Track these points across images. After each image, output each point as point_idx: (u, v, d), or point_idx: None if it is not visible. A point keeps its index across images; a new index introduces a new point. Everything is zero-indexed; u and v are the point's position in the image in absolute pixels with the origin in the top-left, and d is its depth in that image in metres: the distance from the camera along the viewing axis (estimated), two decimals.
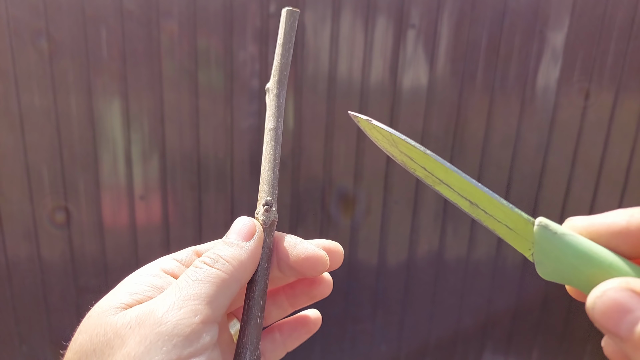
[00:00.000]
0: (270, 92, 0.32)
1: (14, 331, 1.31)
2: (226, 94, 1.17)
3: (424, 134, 1.23)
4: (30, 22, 1.09)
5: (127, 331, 0.23)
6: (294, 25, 0.33)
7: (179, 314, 0.24)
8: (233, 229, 0.29)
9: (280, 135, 0.31)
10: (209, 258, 0.27)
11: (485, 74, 1.20)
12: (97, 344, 0.24)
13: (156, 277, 0.27)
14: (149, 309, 0.24)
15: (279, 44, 0.33)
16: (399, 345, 1.42)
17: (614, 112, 1.22)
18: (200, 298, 0.25)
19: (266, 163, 0.31)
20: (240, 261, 0.27)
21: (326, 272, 0.31)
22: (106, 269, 1.27)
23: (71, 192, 1.21)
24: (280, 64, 0.33)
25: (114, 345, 0.23)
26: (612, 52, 1.18)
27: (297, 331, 0.34)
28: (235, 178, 1.23)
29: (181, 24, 1.12)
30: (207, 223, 1.26)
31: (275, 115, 0.31)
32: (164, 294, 0.25)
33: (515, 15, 1.16)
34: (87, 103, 1.15)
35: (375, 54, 1.17)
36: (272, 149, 0.31)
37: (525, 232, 0.24)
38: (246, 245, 0.28)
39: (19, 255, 1.24)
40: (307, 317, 0.35)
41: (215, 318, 0.25)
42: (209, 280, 0.25)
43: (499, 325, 1.40)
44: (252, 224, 0.29)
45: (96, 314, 0.25)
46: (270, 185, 0.30)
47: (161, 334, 0.23)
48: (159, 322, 0.23)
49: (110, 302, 0.26)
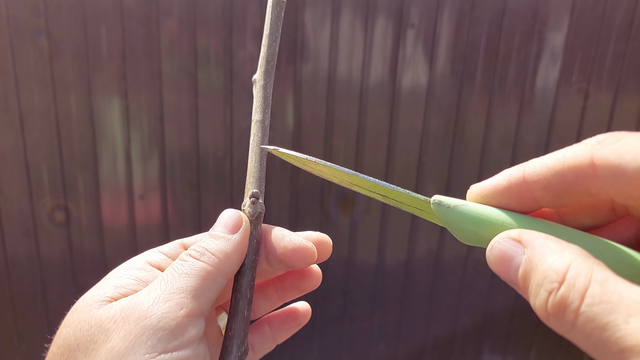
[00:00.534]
0: (257, 84, 0.32)
1: (13, 329, 1.31)
2: (226, 93, 1.17)
3: (423, 134, 1.23)
4: (30, 21, 1.09)
5: (111, 325, 0.23)
6: (281, 15, 0.32)
7: (164, 307, 0.23)
8: (219, 222, 0.28)
9: (268, 126, 0.31)
10: (195, 251, 0.26)
11: (484, 74, 1.20)
12: (81, 338, 0.24)
13: (142, 270, 0.27)
14: (134, 303, 0.24)
15: (265, 35, 0.32)
16: (397, 344, 1.42)
17: (612, 112, 1.23)
18: (186, 291, 0.24)
19: (253, 155, 0.30)
20: (227, 254, 0.27)
21: (314, 264, 0.31)
22: (105, 268, 1.27)
23: (71, 191, 1.21)
24: (266, 54, 0.32)
25: (97, 340, 0.23)
26: (611, 53, 1.18)
27: (286, 324, 0.34)
28: (235, 177, 1.23)
29: (181, 23, 1.12)
30: (206, 222, 1.26)
31: (262, 106, 0.31)
32: (149, 287, 0.25)
33: (515, 15, 1.16)
34: (86, 102, 1.15)
35: (374, 54, 1.17)
36: (259, 140, 0.30)
37: (431, 212, 0.26)
38: (232, 237, 0.27)
39: (18, 254, 1.24)
40: (297, 309, 0.34)
41: (201, 311, 0.25)
42: (195, 274, 0.25)
43: (497, 325, 1.41)
44: (238, 217, 0.28)
45: (81, 307, 0.25)
46: (257, 178, 0.30)
47: (146, 328, 0.23)
48: (144, 316, 0.23)
49: (95, 295, 0.25)
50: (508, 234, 0.22)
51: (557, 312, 0.18)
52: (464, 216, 0.24)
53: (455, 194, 1.18)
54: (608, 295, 0.17)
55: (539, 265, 0.19)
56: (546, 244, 0.20)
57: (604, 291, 0.17)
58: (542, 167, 0.22)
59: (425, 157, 1.25)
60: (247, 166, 0.30)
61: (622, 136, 0.20)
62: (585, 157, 0.20)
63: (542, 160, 0.22)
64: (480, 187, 0.24)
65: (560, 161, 0.21)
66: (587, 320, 0.17)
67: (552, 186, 0.22)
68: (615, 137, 0.20)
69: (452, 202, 0.25)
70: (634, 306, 0.16)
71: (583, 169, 0.20)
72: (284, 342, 0.35)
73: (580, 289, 0.18)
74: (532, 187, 0.22)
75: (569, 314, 0.18)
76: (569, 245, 0.20)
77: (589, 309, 0.17)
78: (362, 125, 1.22)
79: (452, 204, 0.25)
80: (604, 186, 0.20)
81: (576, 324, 0.17)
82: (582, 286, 0.18)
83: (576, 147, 0.21)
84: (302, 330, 0.36)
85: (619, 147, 0.19)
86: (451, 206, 0.25)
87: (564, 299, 0.18)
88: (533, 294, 0.19)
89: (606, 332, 0.16)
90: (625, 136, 0.20)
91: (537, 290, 0.19)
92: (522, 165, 0.23)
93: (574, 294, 0.18)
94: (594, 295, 0.17)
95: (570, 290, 0.18)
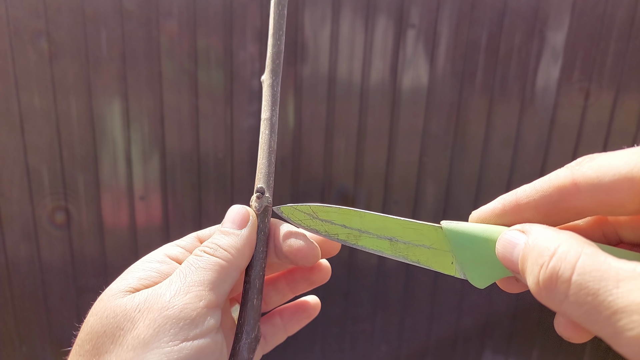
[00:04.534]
0: (265, 83, 0.33)
1: (14, 332, 1.31)
2: (226, 94, 1.17)
3: (424, 134, 1.23)
4: (30, 23, 1.09)
5: (136, 314, 0.25)
6: (283, 13, 0.33)
7: (184, 299, 0.25)
8: (228, 217, 0.30)
9: (276, 123, 0.32)
10: (209, 247, 0.28)
11: (485, 73, 1.20)
12: (108, 325, 0.25)
13: (162, 263, 0.29)
14: (157, 294, 0.26)
15: (270, 34, 0.33)
16: (399, 345, 1.42)
17: (613, 112, 1.22)
18: (203, 284, 0.26)
19: (261, 152, 0.31)
20: (237, 249, 0.28)
21: (323, 259, 0.33)
22: (106, 270, 1.27)
23: (71, 193, 1.21)
24: (272, 53, 0.33)
25: (124, 327, 0.25)
26: (611, 52, 1.18)
27: (297, 316, 0.36)
28: (235, 178, 1.23)
29: (181, 24, 1.12)
30: (207, 223, 1.26)
31: (270, 104, 0.32)
32: (169, 280, 0.27)
33: (515, 15, 1.16)
34: (87, 103, 1.15)
35: (375, 54, 1.17)
36: (267, 137, 0.31)
37: (441, 242, 0.27)
38: (241, 233, 0.29)
39: (19, 256, 1.24)
40: (307, 302, 0.36)
41: (218, 303, 0.27)
42: (211, 268, 0.27)
43: (499, 326, 1.40)
44: (245, 212, 0.30)
45: (106, 297, 0.27)
46: (265, 173, 0.31)
47: (169, 317, 0.24)
48: (167, 306, 0.25)
49: (120, 286, 0.27)
50: (515, 227, 0.24)
51: (549, 284, 0.19)
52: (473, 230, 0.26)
53: (455, 194, 1.18)
54: (598, 265, 0.18)
55: (534, 247, 0.21)
56: (544, 230, 0.22)
57: (593, 262, 0.18)
58: (532, 190, 0.24)
59: (425, 157, 1.25)
60: (257, 162, 0.32)
61: (597, 156, 0.23)
62: (567, 177, 0.23)
63: (532, 184, 0.24)
64: (479, 213, 0.27)
65: (546, 183, 0.24)
66: (579, 288, 0.18)
67: (540, 206, 0.24)
68: (591, 157, 0.23)
69: (460, 223, 0.26)
70: (623, 273, 0.18)
71: (566, 187, 0.23)
72: (287, 343, 0.36)
73: (572, 260, 0.19)
74: (523, 209, 0.25)
75: (561, 285, 0.19)
76: (566, 231, 0.21)
77: (580, 277, 0.18)
78: (362, 125, 1.22)
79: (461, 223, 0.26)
80: (586, 201, 0.22)
81: (569, 294, 0.19)
82: (573, 258, 0.19)
83: (559, 170, 0.24)
84: (304, 331, 0.37)
85: (594, 165, 0.22)
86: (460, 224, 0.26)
87: (555, 270, 0.19)
88: (528, 272, 0.21)
89: (598, 298, 0.18)
90: (599, 155, 0.22)
91: (531, 267, 0.21)
92: (515, 190, 0.25)
93: (565, 264, 0.19)
94: (585, 265, 0.19)
95: (562, 262, 0.19)
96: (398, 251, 0.27)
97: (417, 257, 0.27)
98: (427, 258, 0.27)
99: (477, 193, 1.27)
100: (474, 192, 1.27)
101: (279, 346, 0.36)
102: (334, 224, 0.29)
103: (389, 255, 0.28)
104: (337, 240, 0.29)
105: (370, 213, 0.28)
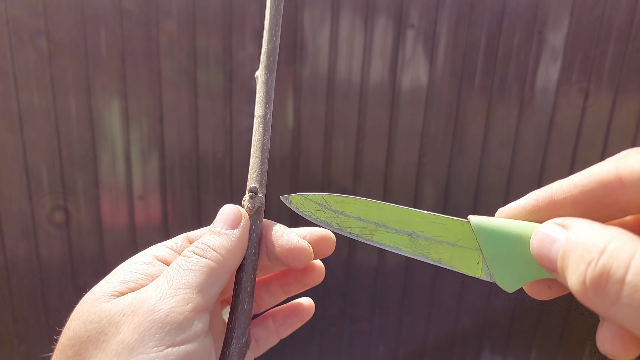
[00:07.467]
0: (259, 79, 0.32)
1: (13, 331, 1.31)
2: (225, 94, 1.17)
3: (423, 135, 1.23)
4: (29, 22, 1.09)
5: (121, 318, 0.24)
6: (280, 9, 0.32)
7: (171, 302, 0.24)
8: (219, 217, 0.29)
9: (269, 121, 0.31)
10: (198, 248, 0.27)
11: (484, 74, 1.20)
12: (91, 330, 0.24)
13: (149, 264, 0.28)
14: (142, 297, 0.24)
15: (265, 30, 0.32)
16: (397, 345, 1.42)
17: (612, 113, 1.22)
18: (191, 287, 0.25)
19: (254, 150, 0.30)
20: (228, 250, 0.27)
21: (318, 259, 0.31)
22: (105, 269, 1.27)
23: (70, 192, 1.21)
24: (267, 49, 0.32)
25: (108, 332, 0.24)
26: (611, 53, 1.18)
27: (290, 318, 0.34)
28: (234, 178, 1.23)
29: (180, 24, 1.12)
30: (206, 223, 1.25)
31: (264, 101, 0.31)
32: (156, 282, 0.25)
33: (514, 15, 1.16)
34: (86, 103, 1.15)
35: (374, 54, 1.17)
36: (261, 135, 0.31)
37: (467, 238, 0.24)
38: (232, 233, 0.28)
39: (17, 255, 1.24)
40: (301, 305, 0.35)
41: (206, 306, 0.25)
42: (199, 270, 0.26)
43: (498, 326, 1.41)
44: (237, 212, 0.29)
45: (90, 300, 0.25)
46: (258, 172, 0.30)
47: (154, 322, 0.23)
48: (152, 310, 0.24)
49: (104, 289, 0.26)
50: (552, 220, 0.22)
51: (598, 283, 0.17)
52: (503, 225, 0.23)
53: (454, 194, 1.18)
54: None
55: (579, 242, 0.19)
56: (590, 225, 0.20)
57: None
58: (570, 185, 0.22)
59: (425, 158, 1.25)
60: (249, 162, 0.31)
61: None
62: (610, 171, 0.21)
63: (569, 179, 0.22)
64: (508, 209, 0.25)
65: (587, 177, 0.22)
66: (635, 289, 0.16)
67: (580, 202, 0.22)
68: (637, 151, 0.21)
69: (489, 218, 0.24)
70: None
71: (610, 182, 0.21)
72: (284, 343, 0.36)
73: (625, 259, 0.17)
74: (559, 205, 0.23)
75: (613, 285, 0.17)
76: (615, 227, 0.19)
77: (635, 277, 0.16)
78: (361, 125, 1.22)
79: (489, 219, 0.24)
80: (632, 196, 0.20)
81: (621, 295, 0.17)
82: (626, 256, 0.17)
83: (601, 163, 0.22)
84: (302, 331, 0.36)
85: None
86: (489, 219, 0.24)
87: (606, 268, 0.17)
88: (571, 270, 0.19)
89: None
90: None
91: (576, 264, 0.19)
92: (549, 185, 0.23)
93: (618, 262, 0.17)
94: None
95: (614, 260, 0.17)
96: (418, 248, 0.25)
97: (438, 255, 0.25)
98: (450, 257, 0.24)
99: (476, 193, 1.27)
100: (473, 192, 1.27)
101: (276, 346, 0.36)
102: (348, 216, 0.27)
103: (406, 253, 0.25)
104: (350, 235, 0.27)
105: (390, 204, 0.25)
